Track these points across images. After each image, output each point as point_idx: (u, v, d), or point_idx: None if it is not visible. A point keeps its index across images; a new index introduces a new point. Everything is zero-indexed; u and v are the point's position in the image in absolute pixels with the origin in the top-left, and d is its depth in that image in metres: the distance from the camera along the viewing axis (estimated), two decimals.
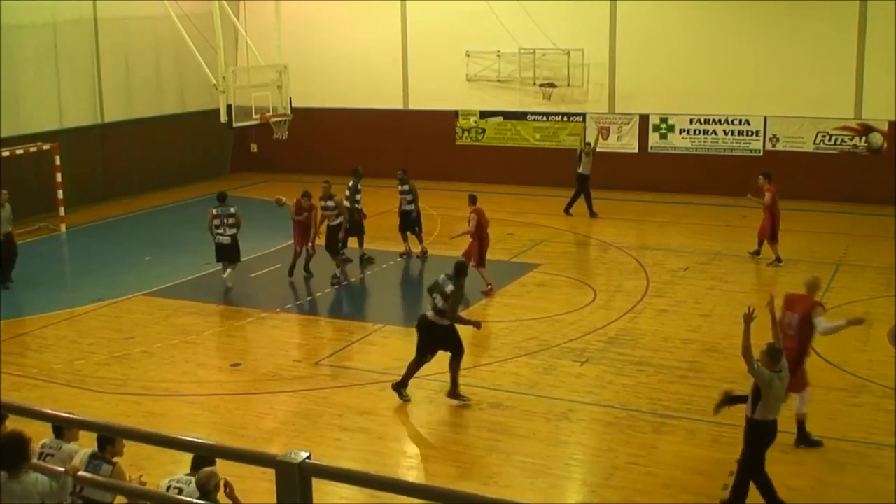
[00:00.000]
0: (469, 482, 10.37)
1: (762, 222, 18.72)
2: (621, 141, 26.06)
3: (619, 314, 15.93)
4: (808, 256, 18.54)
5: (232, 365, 14.22)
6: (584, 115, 26.53)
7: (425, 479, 10.67)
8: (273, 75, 22.37)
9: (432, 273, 19.45)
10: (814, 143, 24.46)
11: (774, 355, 9.27)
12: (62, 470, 6.53)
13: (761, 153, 24.87)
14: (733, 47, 24.77)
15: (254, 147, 30.05)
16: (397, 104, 28.49)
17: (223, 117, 21.20)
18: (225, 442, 10.05)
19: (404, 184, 19.58)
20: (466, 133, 28.00)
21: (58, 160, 22.56)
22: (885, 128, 23.76)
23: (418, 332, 12.63)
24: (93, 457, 7.96)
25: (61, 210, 22.80)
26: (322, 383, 13.41)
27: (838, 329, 11.03)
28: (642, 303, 16.63)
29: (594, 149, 23.35)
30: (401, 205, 19.61)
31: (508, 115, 27.38)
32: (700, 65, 25.10)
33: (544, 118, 26.99)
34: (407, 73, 28.28)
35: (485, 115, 27.65)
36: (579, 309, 16.27)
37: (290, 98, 22.53)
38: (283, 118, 22.19)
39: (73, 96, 25.12)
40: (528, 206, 23.71)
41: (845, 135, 24.16)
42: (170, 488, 7.69)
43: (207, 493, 7.59)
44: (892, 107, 23.32)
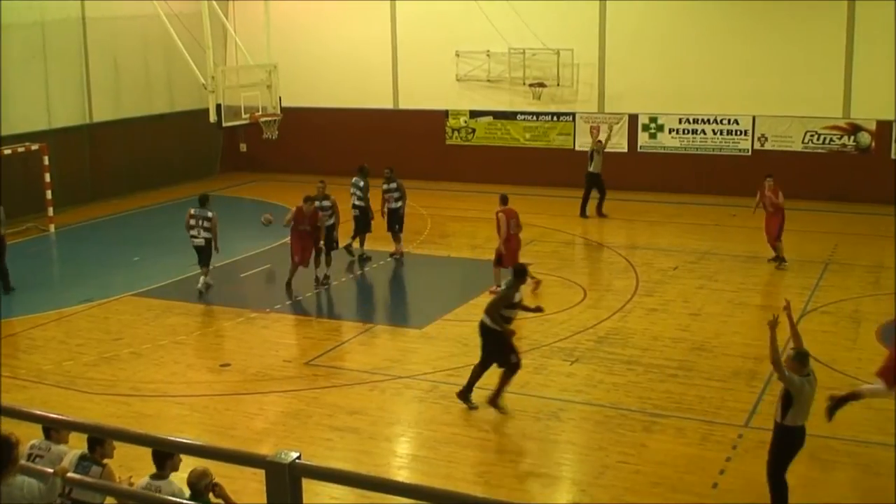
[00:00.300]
0: (459, 482, 10.38)
1: (771, 225, 18.35)
2: (611, 140, 26.08)
3: (608, 313, 15.96)
4: (796, 255, 18.59)
5: (221, 365, 14.20)
6: (573, 114, 26.56)
7: (416, 479, 10.67)
8: (262, 75, 22.33)
9: (424, 273, 19.61)
10: (802, 142, 24.54)
11: (803, 359, 9.27)
12: (51, 471, 6.50)
13: (750, 153, 24.94)
14: (722, 47, 24.83)
15: (243, 147, 30.00)
16: (387, 104, 28.47)
17: (212, 117, 21.16)
18: (215, 442, 10.03)
19: (391, 182, 19.56)
20: (456, 133, 28.00)
21: (46, 160, 22.50)
22: (873, 127, 23.83)
23: (480, 337, 12.41)
24: (82, 458, 7.93)
25: (50, 210, 22.72)
26: (312, 383, 13.39)
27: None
28: (632, 302, 16.66)
29: (605, 147, 23.32)
30: (388, 203, 19.57)
31: (498, 115, 27.38)
32: (689, 65, 25.16)
33: (534, 118, 27.01)
34: (397, 73, 28.26)
35: (474, 114, 27.65)
36: (569, 308, 16.29)
37: (280, 98, 22.50)
38: (273, 118, 22.16)
39: (61, 96, 25.02)
40: (517, 205, 23.53)
41: (834, 134, 24.24)
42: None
43: (199, 492, 7.58)
44: (881, 106, 23.43)
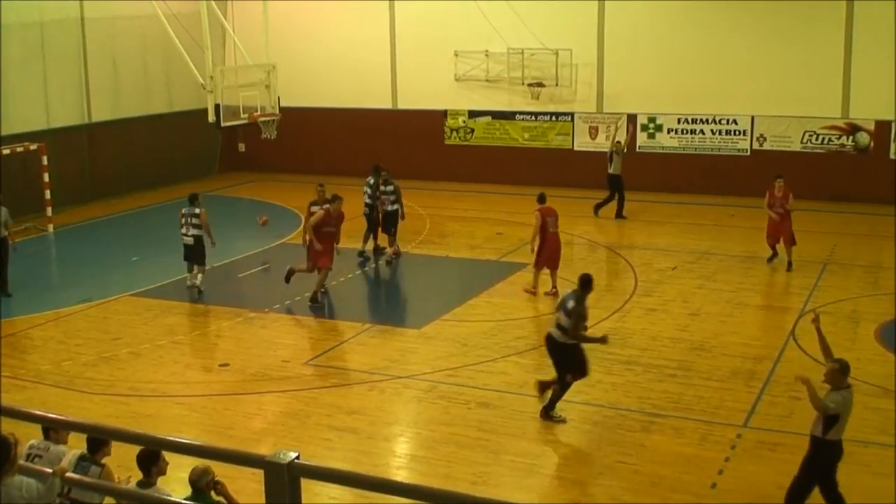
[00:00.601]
0: (458, 482, 10.37)
1: (784, 228, 18.21)
2: (609, 140, 26.08)
3: (607, 313, 15.95)
4: (795, 255, 18.57)
5: (220, 365, 14.19)
6: (572, 114, 26.57)
7: (414, 479, 10.67)
8: (261, 75, 22.32)
9: (423, 273, 19.62)
10: (801, 142, 24.54)
11: (846, 371, 9.29)
12: (50, 471, 6.50)
13: (749, 153, 24.95)
14: (721, 47, 24.84)
15: (242, 147, 29.99)
16: (386, 104, 28.46)
17: (211, 117, 21.14)
18: (213, 442, 10.02)
19: (388, 184, 19.58)
20: (455, 133, 28.00)
21: (45, 160, 22.49)
22: (871, 127, 23.84)
23: (548, 353, 12.22)
24: (81, 458, 7.93)
25: (48, 210, 22.71)
26: (311, 383, 13.39)
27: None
28: (630, 302, 16.67)
29: (623, 148, 23.09)
30: (383, 205, 19.59)
31: (497, 115, 27.38)
32: (688, 64, 25.17)
33: (533, 118, 27.01)
34: (395, 73, 28.26)
35: (473, 114, 27.65)
36: None
37: (279, 98, 22.50)
38: (272, 118, 22.16)
39: (60, 96, 25.01)
40: (516, 205, 23.66)
41: (832, 134, 24.25)
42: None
43: (200, 490, 7.58)
44: (879, 106, 23.44)
